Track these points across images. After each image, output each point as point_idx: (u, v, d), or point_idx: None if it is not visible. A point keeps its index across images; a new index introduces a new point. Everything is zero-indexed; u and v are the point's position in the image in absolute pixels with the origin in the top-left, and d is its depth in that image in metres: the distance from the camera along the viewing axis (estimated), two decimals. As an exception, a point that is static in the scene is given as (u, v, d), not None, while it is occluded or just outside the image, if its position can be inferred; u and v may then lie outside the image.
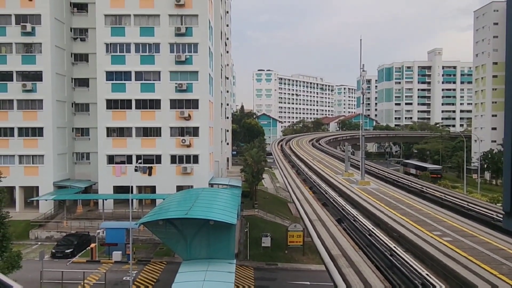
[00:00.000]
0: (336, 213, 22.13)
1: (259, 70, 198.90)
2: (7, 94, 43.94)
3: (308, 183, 35.79)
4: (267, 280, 30.35)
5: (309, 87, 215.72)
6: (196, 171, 44.10)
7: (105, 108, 44.13)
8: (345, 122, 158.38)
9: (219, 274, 21.82)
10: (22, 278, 24.55)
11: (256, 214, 47.09)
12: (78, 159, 49.89)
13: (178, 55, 43.58)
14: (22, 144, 44.13)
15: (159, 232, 25.42)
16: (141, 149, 44.10)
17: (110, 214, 41.67)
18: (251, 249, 35.45)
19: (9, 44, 43.92)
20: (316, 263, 31.63)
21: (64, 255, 33.15)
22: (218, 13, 57.88)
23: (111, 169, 44.14)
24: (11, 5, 43.51)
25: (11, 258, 21.92)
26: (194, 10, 44.04)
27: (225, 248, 24.50)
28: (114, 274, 29.50)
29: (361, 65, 29.10)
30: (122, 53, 44.12)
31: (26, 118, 44.09)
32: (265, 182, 70.93)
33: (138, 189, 45.20)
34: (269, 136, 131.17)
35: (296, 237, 34.57)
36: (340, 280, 12.53)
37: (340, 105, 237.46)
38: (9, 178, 34.77)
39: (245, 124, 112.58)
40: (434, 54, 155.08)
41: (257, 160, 53.44)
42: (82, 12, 48.89)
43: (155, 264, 32.33)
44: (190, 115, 44.14)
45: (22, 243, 35.84)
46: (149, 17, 44.18)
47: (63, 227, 39.70)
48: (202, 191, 33.03)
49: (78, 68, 49.06)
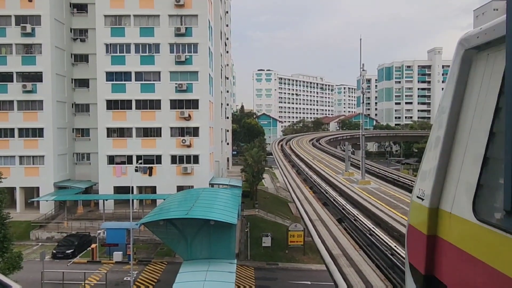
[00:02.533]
0: (336, 213, 22.13)
1: (259, 70, 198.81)
2: (7, 95, 43.95)
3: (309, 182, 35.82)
4: (267, 280, 30.34)
5: (309, 86, 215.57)
6: (197, 171, 44.09)
7: (105, 108, 44.13)
8: (345, 121, 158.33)
9: (219, 274, 21.83)
10: (23, 279, 24.59)
11: (257, 214, 47.09)
12: (79, 159, 49.90)
13: (178, 55, 43.57)
14: (22, 145, 44.14)
15: (159, 232, 25.44)
16: (142, 149, 44.10)
17: (111, 215, 41.67)
18: (252, 249, 35.45)
19: (9, 45, 43.91)
20: (317, 263, 31.61)
21: (64, 255, 33.14)
22: (218, 13, 57.88)
23: (111, 169, 44.14)
24: (11, 6, 43.50)
25: (12, 259, 21.92)
26: (194, 10, 44.03)
27: (225, 248, 24.51)
28: (115, 275, 29.51)
29: (361, 65, 29.13)
30: (122, 53, 44.11)
31: (26, 119, 44.10)
32: (266, 182, 70.91)
33: (139, 189, 45.20)
34: (269, 136, 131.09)
35: (296, 236, 34.55)
36: (341, 280, 12.54)
37: (340, 105, 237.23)
38: (9, 179, 34.74)
39: (245, 124, 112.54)
40: (434, 53, 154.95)
41: (258, 160, 53.43)
42: (82, 12, 48.89)
43: (155, 264, 32.33)
44: (190, 115, 44.14)
45: (22, 243, 35.84)
46: (149, 17, 44.18)
47: (63, 227, 39.71)
48: (202, 191, 33.04)
49: (78, 69, 49.06)
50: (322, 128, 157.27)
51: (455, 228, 2.73)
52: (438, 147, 2.98)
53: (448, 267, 2.81)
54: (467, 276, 2.58)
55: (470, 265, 2.47)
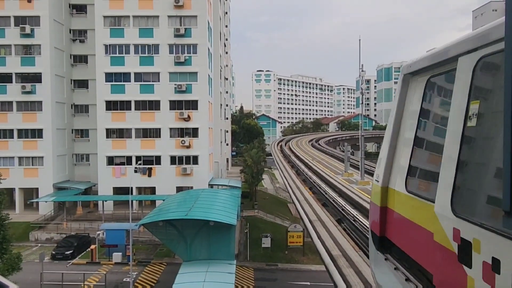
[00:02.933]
0: (336, 213, 22.14)
1: (258, 70, 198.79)
2: (7, 96, 43.90)
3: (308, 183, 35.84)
4: (267, 280, 30.34)
5: (308, 87, 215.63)
6: (196, 172, 44.08)
7: (105, 109, 44.11)
8: (345, 122, 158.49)
9: (219, 275, 21.83)
10: (22, 280, 24.55)
11: (256, 215, 47.06)
12: (78, 160, 49.86)
13: (177, 56, 43.58)
14: (21, 145, 44.11)
15: (159, 233, 25.43)
16: (141, 150, 44.08)
17: (110, 216, 41.64)
18: (251, 249, 35.44)
19: (8, 45, 43.89)
20: (316, 264, 31.59)
21: (64, 256, 33.08)
22: (217, 14, 57.89)
23: (110, 170, 44.11)
24: (10, 7, 43.48)
25: (11, 260, 21.89)
26: (193, 11, 44.05)
27: (225, 248, 24.51)
28: (114, 276, 29.48)
29: (360, 65, 29.17)
30: (121, 54, 44.11)
31: (25, 120, 44.06)
32: (265, 182, 70.91)
33: (138, 190, 45.16)
34: (269, 136, 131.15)
35: (296, 237, 34.54)
36: (341, 281, 12.55)
37: (340, 105, 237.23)
38: (8, 180, 34.71)
39: (245, 124, 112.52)
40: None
41: (257, 160, 53.42)
42: (81, 13, 48.87)
43: (155, 265, 32.29)
44: (189, 116, 44.14)
45: (22, 244, 35.77)
46: (148, 18, 44.18)
47: (63, 228, 39.66)
48: (202, 192, 33.04)
49: (78, 70, 49.03)
50: (321, 128, 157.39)
51: (396, 200, 3.86)
52: (387, 144, 4.17)
53: (393, 228, 3.97)
54: (402, 231, 3.73)
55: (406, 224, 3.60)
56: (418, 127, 3.65)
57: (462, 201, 2.69)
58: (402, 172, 3.77)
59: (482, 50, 2.62)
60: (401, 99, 4.11)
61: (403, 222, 3.65)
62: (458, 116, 2.83)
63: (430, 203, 3.04)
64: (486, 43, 2.55)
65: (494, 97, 2.53)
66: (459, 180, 2.72)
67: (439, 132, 3.26)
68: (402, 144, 3.96)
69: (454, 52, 3.03)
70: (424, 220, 3.18)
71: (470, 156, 2.69)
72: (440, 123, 3.35)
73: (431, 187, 3.18)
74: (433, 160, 3.28)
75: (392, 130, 4.15)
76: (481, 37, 2.64)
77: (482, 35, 2.64)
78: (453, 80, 2.98)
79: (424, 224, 3.18)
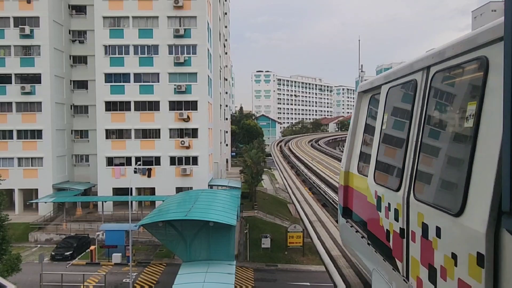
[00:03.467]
0: (336, 214, 22.11)
1: (258, 71, 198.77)
2: (6, 97, 43.87)
3: (308, 184, 35.85)
4: (267, 281, 30.33)
5: (307, 87, 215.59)
6: (196, 172, 44.07)
7: (104, 110, 44.10)
8: (344, 122, 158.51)
9: (219, 276, 21.81)
10: (22, 281, 24.56)
11: (256, 215, 47.03)
12: (77, 161, 49.84)
13: (177, 57, 43.58)
14: (21, 146, 44.09)
15: (158, 233, 25.40)
16: (140, 150, 44.08)
17: (110, 216, 41.63)
18: (251, 250, 35.42)
19: (7, 46, 43.89)
20: (316, 264, 31.57)
21: (63, 257, 33.04)
22: (217, 14, 57.91)
23: (110, 171, 44.09)
24: (9, 8, 43.48)
25: (11, 261, 21.88)
26: (193, 11, 44.06)
27: (225, 249, 24.50)
28: (114, 276, 29.45)
29: (359, 66, 29.16)
30: (120, 55, 44.11)
31: (25, 121, 44.04)
32: (265, 183, 70.87)
33: (138, 191, 45.14)
34: (268, 137, 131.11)
35: (296, 238, 34.53)
36: (340, 281, 12.52)
37: (339, 106, 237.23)
38: (8, 181, 34.69)
39: (244, 125, 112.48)
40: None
41: (257, 161, 53.41)
42: (80, 14, 48.87)
43: (155, 266, 32.27)
44: (189, 117, 44.13)
45: (21, 245, 35.73)
46: (147, 19, 44.18)
47: (62, 229, 39.63)
48: (201, 192, 33.02)
49: (77, 70, 49.02)
50: (321, 129, 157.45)
51: (353, 179, 5.89)
52: (348, 143, 6.24)
53: (351, 199, 5.98)
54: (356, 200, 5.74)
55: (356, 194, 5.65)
56: (364, 131, 5.64)
57: (378, 175, 4.69)
58: (355, 161, 5.88)
59: (389, 83, 4.64)
60: (356, 110, 6.07)
61: (355, 193, 5.72)
62: (379, 124, 4.78)
63: (366, 177, 5.02)
64: (391, 80, 4.60)
65: (396, 113, 4.47)
66: (377, 163, 4.74)
67: (373, 135, 5.01)
68: (356, 142, 6.00)
69: (378, 82, 5.09)
70: (363, 189, 5.16)
71: (382, 151, 4.66)
72: (373, 129, 5.06)
73: (367, 168, 5.04)
74: (369, 152, 5.10)
75: (351, 132, 6.18)
76: (387, 76, 4.75)
77: (388, 75, 4.74)
78: (379, 100, 4.90)
79: (363, 191, 5.17)
